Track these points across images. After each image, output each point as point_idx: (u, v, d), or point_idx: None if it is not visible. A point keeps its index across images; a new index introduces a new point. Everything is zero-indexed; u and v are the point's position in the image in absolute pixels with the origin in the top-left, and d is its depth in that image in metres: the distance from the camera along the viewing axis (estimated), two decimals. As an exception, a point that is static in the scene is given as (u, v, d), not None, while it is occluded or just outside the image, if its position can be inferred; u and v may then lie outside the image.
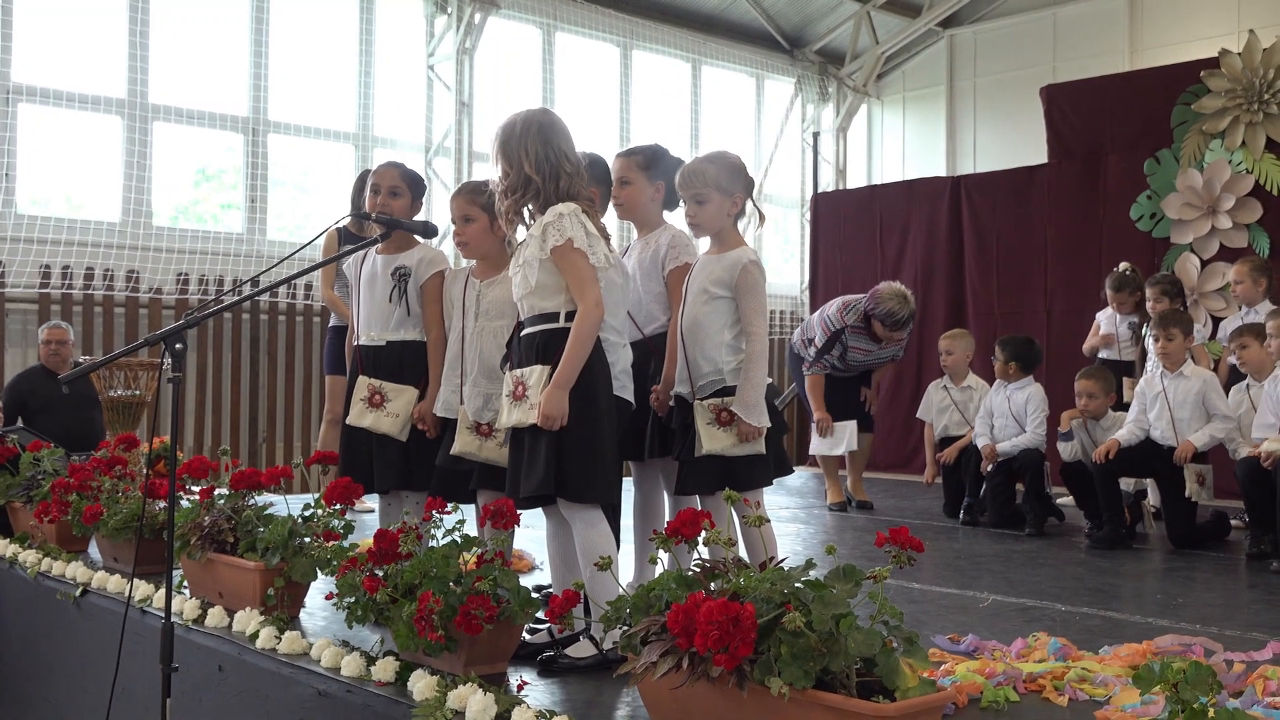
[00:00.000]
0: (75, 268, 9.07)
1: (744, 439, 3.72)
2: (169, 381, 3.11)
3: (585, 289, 3.40)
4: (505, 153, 3.56)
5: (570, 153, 3.56)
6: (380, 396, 4.29)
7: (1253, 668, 3.38)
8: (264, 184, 10.20)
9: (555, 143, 3.53)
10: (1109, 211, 9.31)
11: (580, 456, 3.39)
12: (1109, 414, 6.39)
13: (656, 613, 2.60)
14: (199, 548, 4.08)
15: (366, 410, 4.30)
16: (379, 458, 4.30)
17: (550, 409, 3.33)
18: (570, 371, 3.37)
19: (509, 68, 11.73)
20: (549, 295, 3.47)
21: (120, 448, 5.40)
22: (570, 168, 3.53)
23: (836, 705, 2.27)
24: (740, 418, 3.70)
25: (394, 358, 4.35)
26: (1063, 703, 3.08)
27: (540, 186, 3.51)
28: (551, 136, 3.54)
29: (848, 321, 7.27)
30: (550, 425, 3.34)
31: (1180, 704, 1.87)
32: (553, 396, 3.34)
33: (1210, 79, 8.71)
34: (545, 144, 3.52)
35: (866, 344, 7.31)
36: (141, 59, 9.54)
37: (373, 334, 4.39)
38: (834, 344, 7.31)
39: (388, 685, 3.15)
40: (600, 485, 3.43)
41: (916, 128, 13.95)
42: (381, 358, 4.36)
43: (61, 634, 4.78)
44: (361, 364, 4.40)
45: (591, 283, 3.42)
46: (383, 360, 4.36)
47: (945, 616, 4.24)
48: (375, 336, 4.39)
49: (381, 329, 4.38)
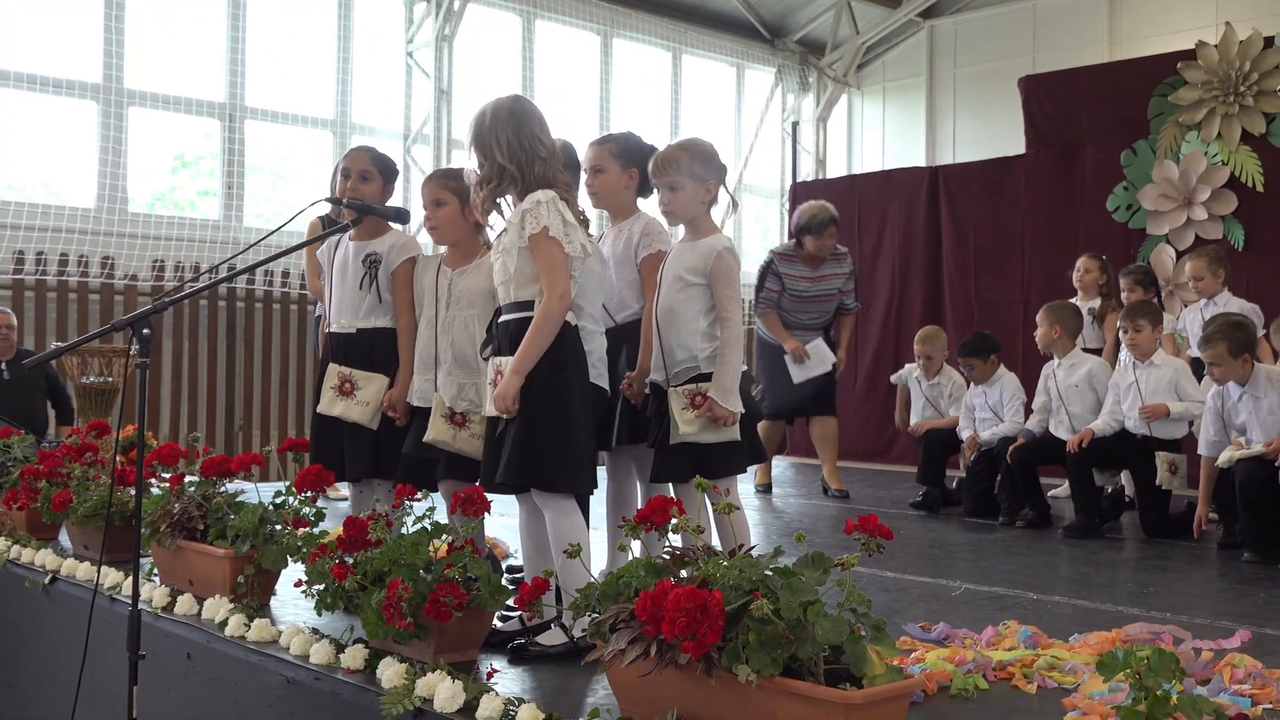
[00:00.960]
0: (50, 254, 9.01)
1: (718, 423, 3.71)
2: (137, 367, 3.09)
3: (555, 279, 3.39)
4: (478, 144, 3.54)
5: (544, 137, 3.54)
6: (350, 385, 4.26)
7: (1220, 656, 3.40)
8: (241, 170, 10.15)
9: (528, 128, 3.51)
10: (1086, 202, 9.33)
11: (553, 446, 3.38)
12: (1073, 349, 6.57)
13: (625, 600, 2.59)
14: (169, 535, 4.06)
15: (337, 398, 4.27)
16: (350, 446, 4.27)
17: (503, 390, 3.33)
18: (528, 359, 3.36)
19: (488, 55, 11.70)
20: (526, 283, 3.46)
21: (91, 434, 5.36)
22: (545, 152, 3.52)
23: (804, 692, 2.26)
24: (715, 402, 3.69)
25: (364, 345, 4.31)
26: (1031, 690, 3.09)
27: (516, 175, 3.49)
28: (523, 123, 3.52)
29: (776, 252, 7.54)
30: (502, 408, 3.34)
31: (1143, 691, 1.87)
32: (506, 383, 3.33)
33: (1187, 71, 8.73)
34: (517, 131, 3.50)
35: (802, 270, 7.41)
36: (117, 44, 9.48)
37: (343, 321, 4.35)
38: (766, 275, 7.47)
39: (356, 673, 3.14)
40: (572, 475, 3.42)
41: (896, 118, 13.96)
42: (352, 345, 4.33)
43: (30, 622, 4.74)
44: (332, 351, 4.37)
45: (561, 273, 3.40)
46: (353, 348, 4.32)
47: (917, 605, 4.25)
48: (346, 324, 4.35)
49: (352, 316, 4.34)
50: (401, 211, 4.20)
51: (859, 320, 11.04)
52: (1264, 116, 8.40)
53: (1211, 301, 6.87)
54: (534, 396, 3.38)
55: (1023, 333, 8.72)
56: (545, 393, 3.37)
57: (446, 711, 2.78)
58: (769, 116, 13.80)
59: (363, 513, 3.50)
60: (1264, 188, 8.40)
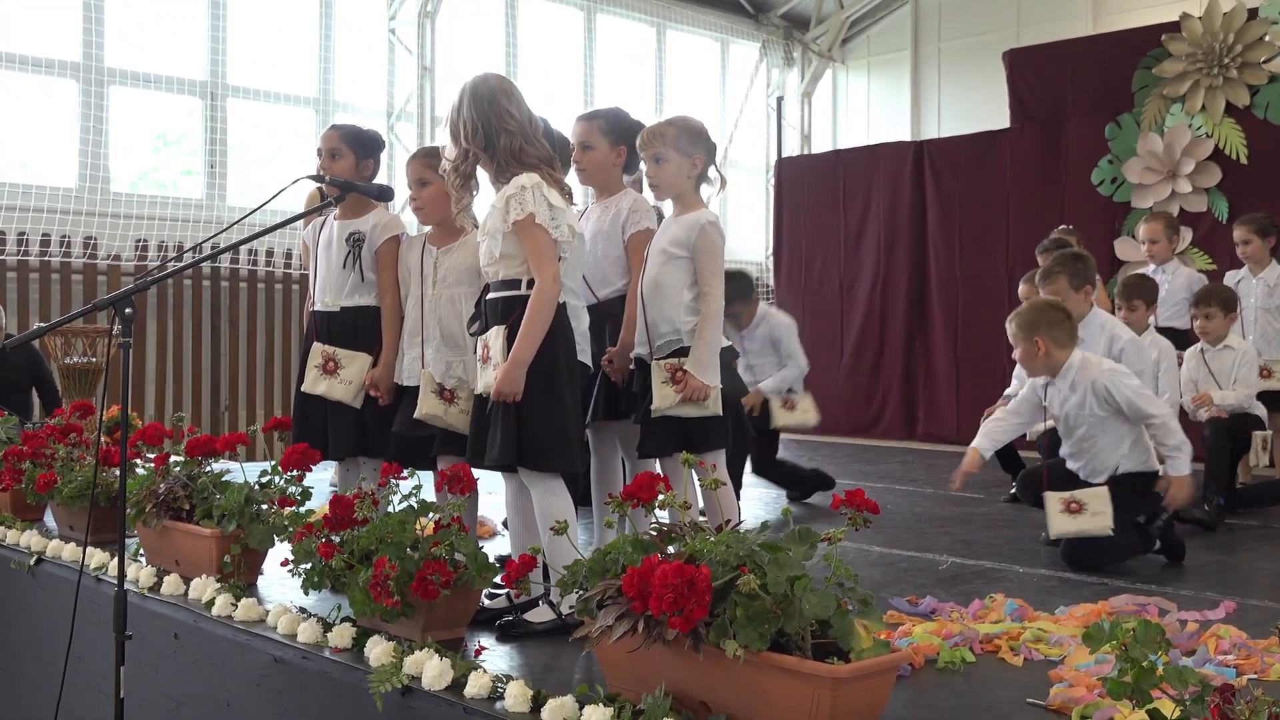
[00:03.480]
0: (31, 234, 8.94)
1: (690, 396, 3.69)
2: (119, 347, 3.06)
3: (543, 264, 3.38)
4: (450, 128, 3.55)
5: (514, 109, 3.51)
6: (334, 363, 4.24)
7: (1206, 627, 3.42)
8: (224, 149, 10.08)
9: (496, 103, 3.49)
10: (1071, 176, 9.35)
11: (542, 425, 3.38)
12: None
13: (613, 576, 2.59)
14: (154, 515, 4.05)
15: (321, 377, 4.25)
16: (333, 425, 4.27)
17: (505, 386, 3.33)
18: (528, 349, 3.35)
19: (472, 31, 11.63)
20: (513, 264, 3.45)
21: (75, 415, 5.34)
22: (514, 125, 3.48)
23: (791, 667, 2.27)
24: (690, 375, 3.68)
25: (348, 324, 4.31)
26: (1018, 663, 3.11)
27: (482, 153, 3.48)
28: (492, 99, 3.49)
29: None
30: (510, 397, 3.33)
31: (1129, 662, 1.88)
32: (509, 374, 3.33)
33: (1171, 43, 8.74)
34: (484, 109, 3.48)
35: None
36: (97, 22, 9.39)
37: (327, 300, 4.35)
38: None
39: (344, 651, 3.14)
40: (562, 454, 3.42)
41: (881, 93, 13.93)
42: (335, 324, 4.32)
43: (15, 603, 4.73)
44: (316, 330, 4.36)
45: (550, 259, 3.39)
46: (337, 326, 4.31)
47: (904, 579, 4.27)
48: (330, 302, 4.34)
49: (336, 295, 4.33)
50: (385, 189, 4.17)
51: (843, 296, 11.09)
52: (1248, 89, 8.41)
53: (1161, 269, 6.83)
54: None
55: (1007, 308, 8.72)
56: (534, 371, 3.37)
57: (434, 689, 2.78)
58: (753, 92, 13.75)
59: (349, 491, 3.49)
60: (1248, 160, 8.42)
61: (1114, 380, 4.60)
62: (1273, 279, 6.72)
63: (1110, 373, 4.64)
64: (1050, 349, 4.67)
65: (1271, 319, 6.64)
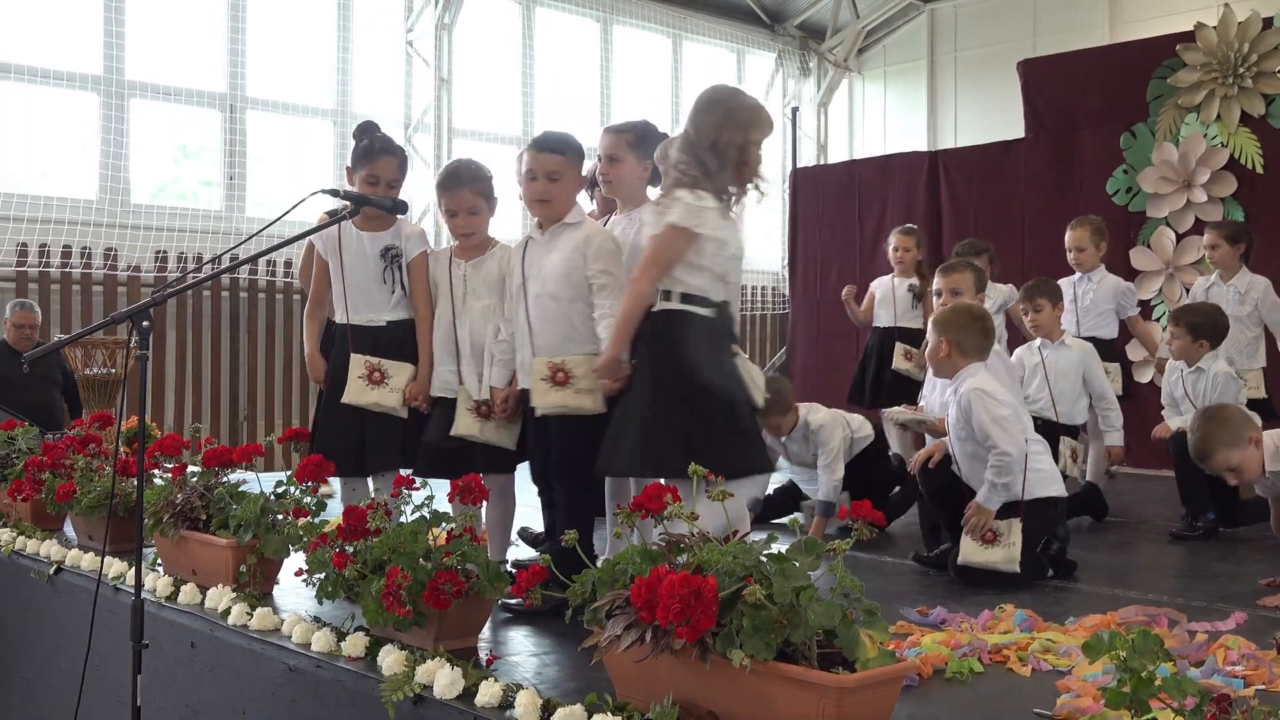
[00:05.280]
0: (52, 245, 9.03)
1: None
2: (137, 359, 3.11)
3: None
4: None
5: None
6: (380, 373, 4.22)
7: (1215, 638, 3.42)
8: (243, 161, 10.16)
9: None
10: (1085, 186, 9.32)
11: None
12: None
13: (621, 586, 2.62)
14: (172, 525, 4.09)
15: (368, 387, 4.21)
16: (375, 436, 4.24)
17: None
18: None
19: (489, 43, 11.69)
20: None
21: (95, 426, 5.40)
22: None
23: (797, 676, 2.29)
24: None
25: (396, 337, 4.30)
26: (1026, 673, 3.12)
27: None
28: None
29: None
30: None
31: (1128, 672, 1.90)
32: None
33: (1186, 53, 8.72)
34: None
35: None
36: (117, 35, 9.48)
37: (371, 316, 4.33)
38: None
39: (358, 660, 3.17)
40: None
41: (897, 102, 13.95)
42: (383, 338, 4.30)
43: (35, 612, 4.78)
44: (354, 342, 4.30)
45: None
46: (384, 340, 4.29)
47: (915, 589, 4.28)
48: (373, 318, 4.33)
49: (379, 309, 4.32)
50: (399, 203, 4.20)
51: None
52: (1263, 98, 8.39)
53: (1087, 277, 6.62)
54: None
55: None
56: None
57: (446, 698, 2.81)
58: (769, 102, 13.77)
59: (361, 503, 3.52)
60: (1263, 169, 8.39)
61: (980, 401, 4.41)
62: (1244, 286, 6.57)
63: (980, 393, 4.43)
64: (953, 352, 4.58)
65: (1243, 327, 6.46)
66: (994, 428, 4.37)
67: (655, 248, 3.64)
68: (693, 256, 3.62)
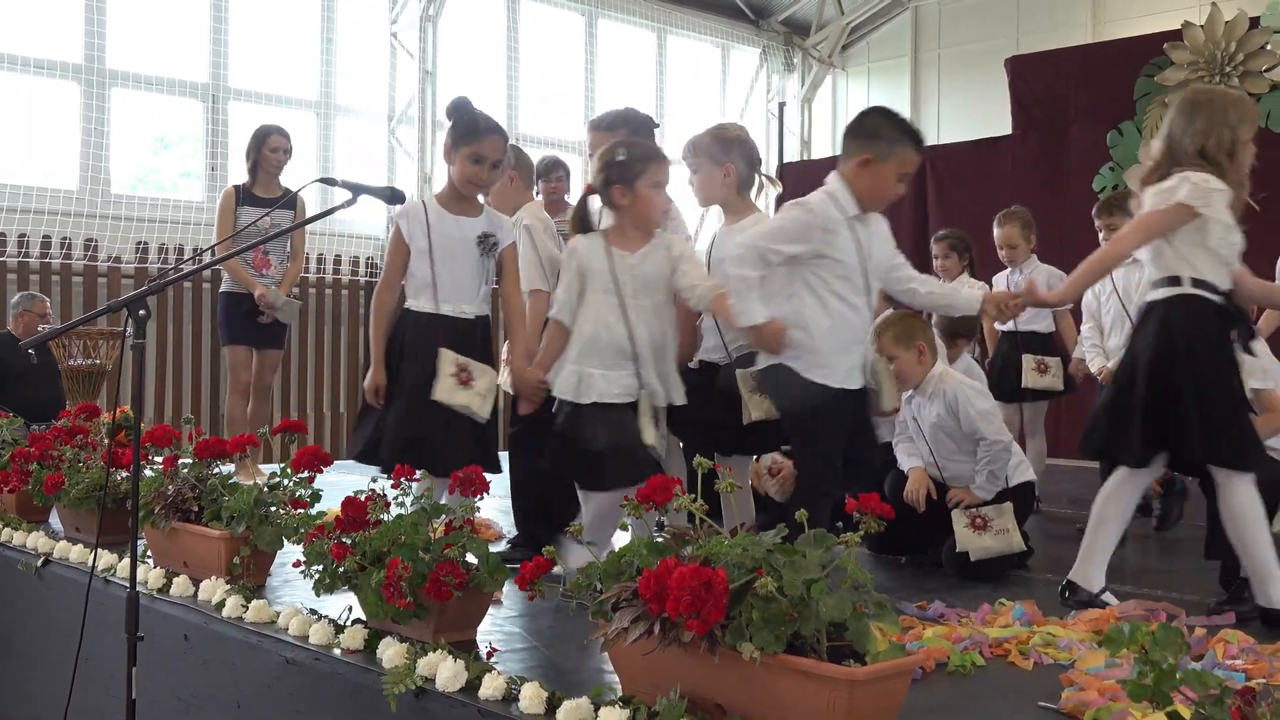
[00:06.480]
0: (31, 236, 8.95)
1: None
2: (132, 348, 3.06)
3: None
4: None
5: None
6: (468, 374, 4.03)
7: (1213, 632, 3.43)
8: (224, 152, 10.08)
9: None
10: (1072, 183, 9.36)
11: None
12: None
13: (628, 579, 2.60)
14: (163, 517, 4.05)
15: (458, 388, 4.02)
16: (458, 437, 4.05)
17: None
18: None
19: (473, 36, 11.64)
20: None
21: (81, 417, 5.34)
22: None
23: (807, 669, 2.27)
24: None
25: (483, 334, 4.17)
26: (1028, 666, 3.12)
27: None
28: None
29: None
30: None
31: (1149, 665, 1.89)
32: None
33: (1173, 51, 8.76)
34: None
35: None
36: (98, 24, 9.40)
37: (463, 307, 4.14)
38: None
39: (356, 653, 3.14)
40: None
41: (881, 99, 13.93)
42: (475, 332, 4.14)
43: (23, 605, 4.73)
44: (442, 336, 4.10)
45: None
46: (477, 335, 4.14)
47: (913, 584, 4.28)
48: (465, 310, 4.14)
49: (471, 300, 4.15)
50: (396, 191, 4.13)
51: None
52: (1249, 97, 8.43)
53: (1019, 269, 6.50)
54: None
55: (1009, 313, 8.74)
56: None
57: (449, 691, 2.78)
58: (754, 97, 13.78)
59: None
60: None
61: (966, 396, 4.50)
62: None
63: (965, 389, 4.54)
64: (926, 352, 4.57)
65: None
66: (981, 421, 4.47)
67: (1149, 215, 3.67)
68: (1201, 238, 3.60)
